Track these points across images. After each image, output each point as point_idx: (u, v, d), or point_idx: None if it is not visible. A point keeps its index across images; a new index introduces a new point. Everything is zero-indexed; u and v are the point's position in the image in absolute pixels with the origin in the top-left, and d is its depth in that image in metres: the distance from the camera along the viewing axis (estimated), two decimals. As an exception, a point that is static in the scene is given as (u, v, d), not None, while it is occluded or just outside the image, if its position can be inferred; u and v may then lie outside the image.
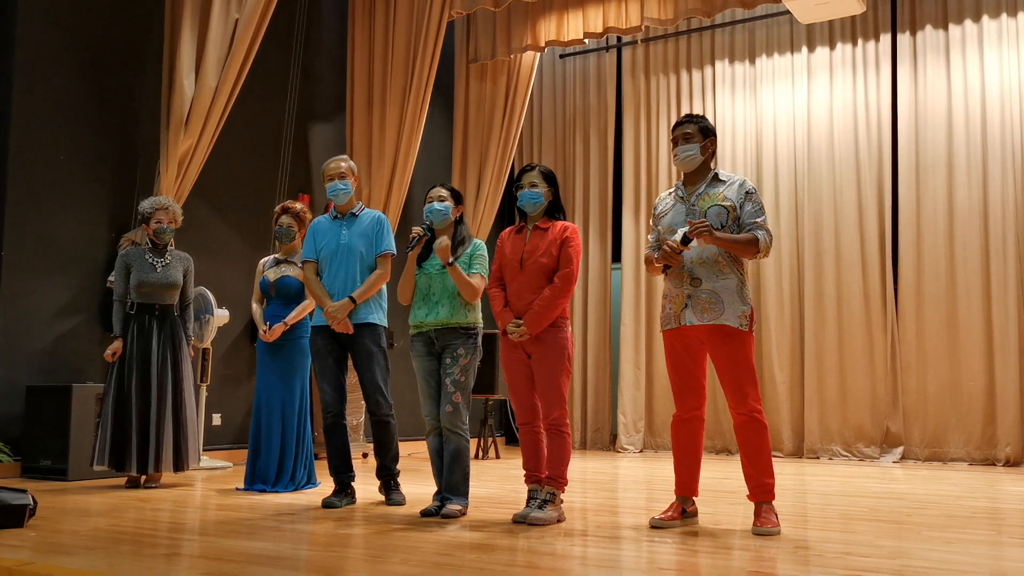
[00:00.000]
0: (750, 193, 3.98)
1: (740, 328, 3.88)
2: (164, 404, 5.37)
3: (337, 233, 4.83)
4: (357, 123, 8.41)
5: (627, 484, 6.23)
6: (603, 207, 9.72)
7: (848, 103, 8.60)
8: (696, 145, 4.05)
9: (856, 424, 8.26)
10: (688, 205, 4.03)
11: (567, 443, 4.15)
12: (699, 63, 9.37)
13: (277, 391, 5.40)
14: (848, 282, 8.42)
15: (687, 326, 3.95)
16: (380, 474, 4.84)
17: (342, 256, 4.78)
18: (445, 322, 4.34)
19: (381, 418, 4.76)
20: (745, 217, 3.95)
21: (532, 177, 4.25)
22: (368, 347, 4.72)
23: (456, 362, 4.31)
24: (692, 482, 4.10)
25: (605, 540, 3.72)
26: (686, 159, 4.05)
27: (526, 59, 9.41)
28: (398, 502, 4.71)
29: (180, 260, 5.59)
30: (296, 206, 5.50)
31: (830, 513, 4.63)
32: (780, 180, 8.82)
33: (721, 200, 3.97)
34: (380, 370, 4.72)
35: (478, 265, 4.38)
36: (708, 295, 3.92)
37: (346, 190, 4.85)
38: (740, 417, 3.90)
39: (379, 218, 4.90)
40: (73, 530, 3.80)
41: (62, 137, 6.34)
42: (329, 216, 4.94)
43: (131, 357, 5.37)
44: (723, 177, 4.06)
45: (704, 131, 4.07)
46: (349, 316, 4.69)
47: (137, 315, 5.46)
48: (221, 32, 6.67)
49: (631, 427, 9.22)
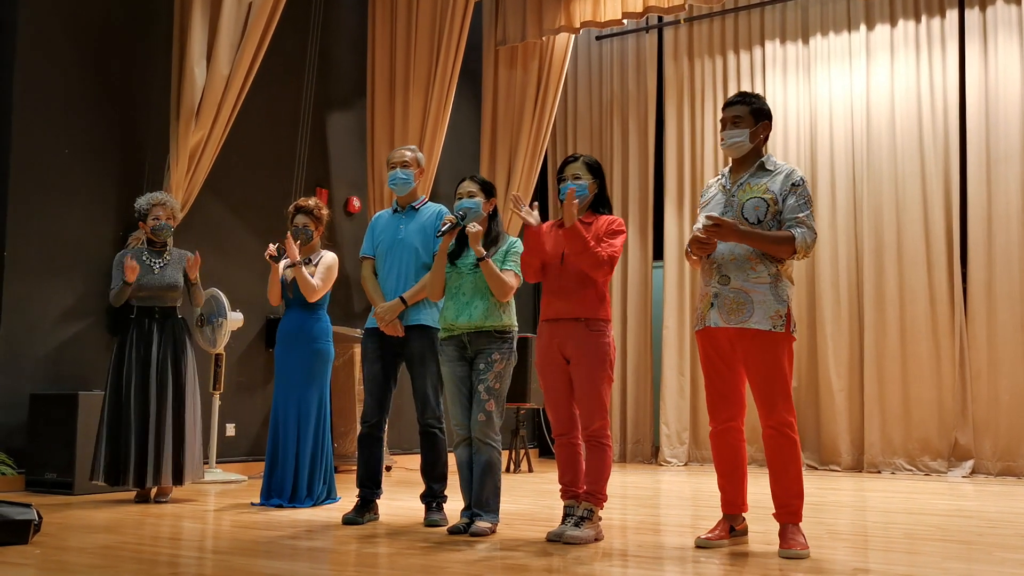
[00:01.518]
0: (796, 185, 3.89)
1: (773, 330, 3.81)
2: (164, 412, 5.42)
3: (395, 228, 4.82)
4: (378, 112, 8.45)
5: (670, 500, 6.21)
6: (643, 201, 9.69)
7: (911, 86, 8.50)
8: (745, 131, 3.98)
9: (921, 436, 8.17)
10: (728, 196, 3.99)
11: (607, 456, 4.13)
12: (747, 44, 9.32)
13: (294, 399, 5.44)
14: (912, 282, 8.32)
15: (712, 327, 3.92)
16: (425, 497, 4.70)
17: (397, 252, 4.76)
18: (479, 325, 4.34)
19: (427, 428, 4.67)
20: (786, 212, 3.87)
21: (576, 168, 4.24)
22: (420, 350, 4.67)
23: (491, 368, 4.31)
24: (738, 498, 4.07)
25: (647, 561, 3.71)
26: (733, 145, 3.99)
27: (559, 42, 9.40)
28: (435, 522, 4.56)
29: (179, 259, 5.64)
30: (310, 203, 5.52)
31: (893, 533, 4.58)
32: (836, 171, 8.74)
33: (762, 192, 3.90)
34: (431, 376, 4.67)
35: (512, 263, 4.38)
36: (736, 294, 3.86)
37: (407, 180, 4.82)
38: (768, 430, 3.85)
39: (440, 212, 4.81)
40: (79, 547, 3.86)
41: (66, 130, 6.43)
42: (390, 209, 4.94)
43: (130, 363, 5.43)
44: (770, 166, 3.98)
45: (757, 113, 3.99)
46: (400, 317, 4.67)
47: (137, 319, 5.52)
48: (234, 16, 6.73)
49: (675, 438, 9.18)
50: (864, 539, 4.41)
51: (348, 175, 8.45)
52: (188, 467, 5.48)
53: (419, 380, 4.69)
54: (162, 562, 3.59)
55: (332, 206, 8.03)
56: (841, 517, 5.21)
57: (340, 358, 7.28)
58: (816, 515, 5.02)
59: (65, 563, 3.51)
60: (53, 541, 3.96)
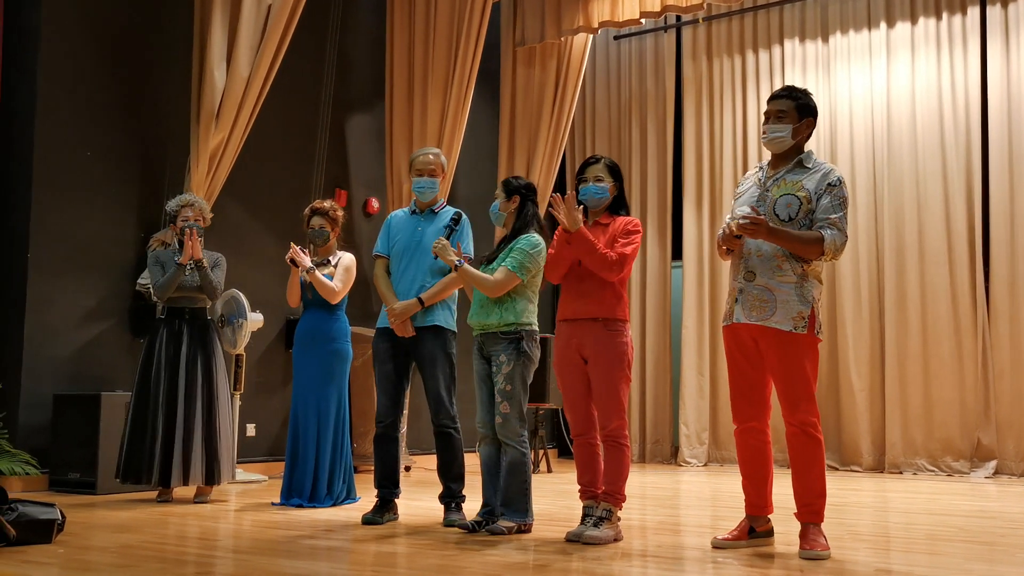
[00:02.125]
0: (832, 185, 3.85)
1: (794, 331, 3.80)
2: (193, 413, 5.45)
3: (412, 229, 4.82)
4: (397, 112, 8.48)
5: (690, 501, 6.20)
6: (662, 201, 9.67)
7: (932, 84, 8.44)
8: (788, 127, 3.92)
9: (943, 436, 8.11)
10: (763, 190, 3.95)
11: (625, 456, 4.13)
12: (766, 42, 9.28)
13: (312, 399, 5.47)
14: (933, 281, 8.27)
15: (737, 323, 3.91)
16: (443, 497, 4.71)
17: (413, 254, 4.76)
18: (484, 325, 4.39)
19: (440, 429, 4.68)
20: (819, 212, 3.83)
21: (597, 170, 4.25)
22: (431, 351, 4.66)
23: (499, 370, 4.33)
24: (761, 500, 4.05)
25: (666, 561, 3.71)
26: (774, 140, 3.94)
27: (578, 42, 9.40)
28: (454, 523, 4.52)
29: (211, 261, 5.66)
30: (325, 204, 5.56)
31: (915, 534, 4.56)
32: (857, 170, 8.70)
33: (797, 190, 3.87)
34: (444, 377, 4.67)
35: (511, 258, 4.36)
36: (760, 291, 3.85)
37: (432, 189, 4.84)
38: (791, 428, 3.84)
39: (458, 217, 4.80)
40: (102, 546, 3.90)
41: (88, 133, 6.48)
42: (408, 210, 4.93)
43: (159, 363, 5.47)
44: (808, 163, 3.93)
45: (802, 109, 3.94)
46: (414, 318, 4.67)
47: (167, 320, 5.57)
48: (253, 18, 6.76)
49: (694, 439, 9.16)
50: (886, 540, 4.39)
51: (367, 176, 8.48)
52: (220, 467, 5.50)
53: (431, 381, 4.68)
54: (184, 561, 3.62)
55: (351, 207, 8.05)
56: (862, 518, 5.18)
57: (359, 358, 7.30)
58: (837, 516, 4.99)
59: (88, 562, 3.54)
60: (76, 540, 4.00)
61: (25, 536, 3.77)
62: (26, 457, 5.88)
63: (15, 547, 3.70)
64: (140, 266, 6.62)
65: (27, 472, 5.83)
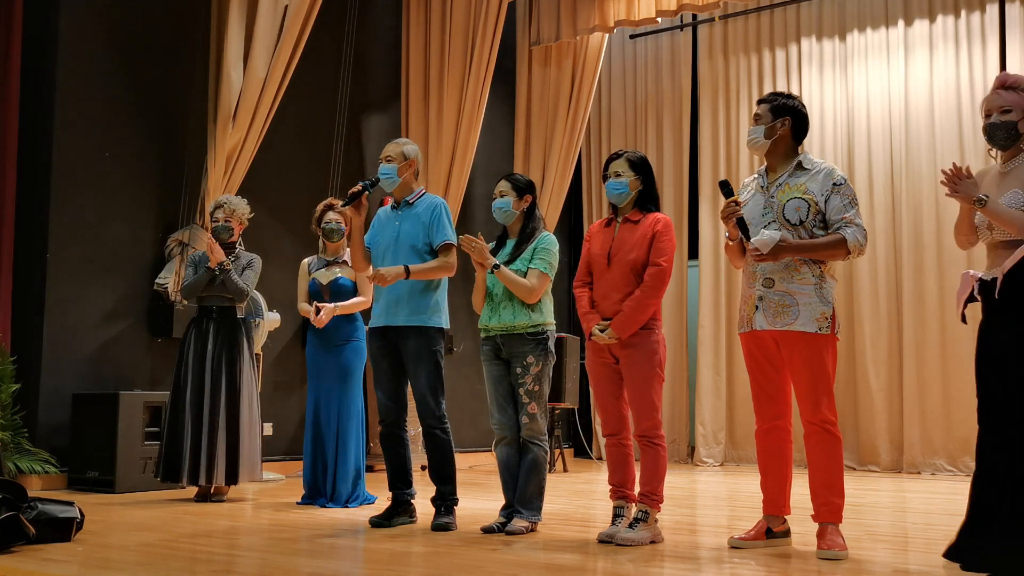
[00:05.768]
0: (838, 185, 3.85)
1: (819, 332, 3.79)
2: (217, 411, 5.46)
3: (391, 225, 4.70)
4: (413, 112, 8.50)
5: (706, 500, 6.18)
6: (679, 200, 9.65)
7: (950, 82, 8.39)
8: (762, 127, 3.93)
9: (962, 436, 8.05)
10: (767, 196, 3.95)
11: (662, 456, 4.08)
12: (783, 41, 9.24)
13: (334, 396, 5.47)
14: (951, 280, 8.20)
15: (759, 330, 3.90)
16: (434, 500, 4.62)
17: (394, 250, 4.61)
18: (509, 327, 4.34)
19: (427, 428, 4.58)
20: (832, 213, 3.82)
21: (617, 166, 4.21)
22: (415, 350, 4.53)
23: (527, 371, 4.31)
24: (780, 499, 4.04)
25: (683, 561, 3.70)
26: (750, 142, 3.99)
27: (593, 41, 9.39)
28: (442, 526, 4.43)
29: (246, 262, 5.63)
30: (338, 201, 5.57)
31: (933, 534, 4.52)
32: (874, 169, 8.65)
33: (802, 192, 3.86)
34: (428, 375, 4.53)
35: (539, 259, 4.35)
36: (780, 297, 3.84)
37: (389, 175, 4.64)
38: (811, 427, 3.83)
39: (434, 205, 4.64)
40: (122, 545, 3.92)
41: (107, 134, 6.52)
42: (390, 206, 4.83)
43: (188, 362, 5.51)
44: (807, 165, 3.93)
45: (776, 110, 3.93)
46: (397, 317, 4.54)
47: (196, 319, 5.60)
48: (270, 19, 6.79)
49: (711, 438, 9.14)
50: (904, 540, 4.36)
51: (383, 176, 8.48)
52: (242, 466, 5.49)
53: (415, 380, 4.57)
54: (202, 559, 3.64)
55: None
56: (881, 518, 5.15)
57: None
58: (855, 516, 4.96)
59: (107, 560, 3.56)
60: (95, 538, 4.02)
61: (44, 534, 3.79)
62: (45, 456, 5.93)
63: (35, 545, 3.72)
64: (159, 266, 6.66)
65: (46, 470, 5.88)
